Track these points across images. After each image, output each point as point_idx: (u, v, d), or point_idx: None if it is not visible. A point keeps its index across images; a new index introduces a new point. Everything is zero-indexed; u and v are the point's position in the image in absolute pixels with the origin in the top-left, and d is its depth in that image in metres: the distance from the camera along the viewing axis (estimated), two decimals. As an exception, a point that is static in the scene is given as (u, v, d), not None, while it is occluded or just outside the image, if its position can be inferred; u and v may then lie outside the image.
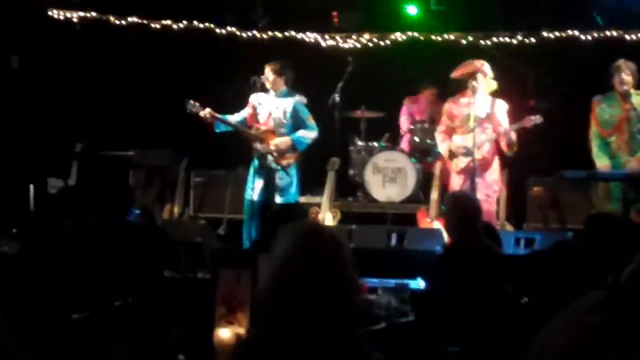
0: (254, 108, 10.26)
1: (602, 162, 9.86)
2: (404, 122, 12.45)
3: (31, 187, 10.77)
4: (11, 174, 11.45)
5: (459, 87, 10.26)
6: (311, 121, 10.25)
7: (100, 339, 6.36)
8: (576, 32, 12.38)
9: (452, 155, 10.14)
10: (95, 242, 6.73)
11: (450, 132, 10.25)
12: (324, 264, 3.00)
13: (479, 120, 9.90)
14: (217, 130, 10.27)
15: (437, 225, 9.99)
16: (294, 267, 3.01)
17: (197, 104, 10.10)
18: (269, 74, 10.17)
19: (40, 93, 12.30)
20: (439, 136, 10.42)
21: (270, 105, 10.22)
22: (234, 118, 10.28)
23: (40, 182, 11.02)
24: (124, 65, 12.65)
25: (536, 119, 9.92)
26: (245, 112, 10.32)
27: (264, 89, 10.20)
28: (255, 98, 10.28)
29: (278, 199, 10.07)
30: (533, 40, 12.51)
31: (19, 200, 10.66)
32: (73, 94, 12.46)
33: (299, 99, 10.29)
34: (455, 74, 10.18)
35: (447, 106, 10.33)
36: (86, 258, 6.42)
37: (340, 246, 3.06)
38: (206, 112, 10.04)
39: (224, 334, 6.18)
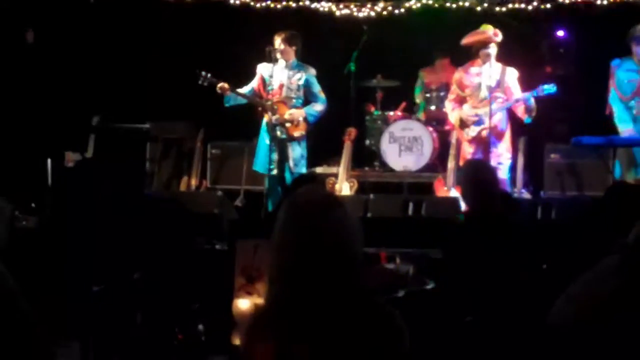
0: (263, 79, 10.27)
1: (625, 127, 9.84)
2: (419, 95, 12.43)
3: (49, 161, 10.80)
4: (29, 149, 11.49)
5: (472, 55, 10.23)
6: (322, 94, 10.30)
7: (119, 310, 6.40)
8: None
9: (463, 124, 10.14)
10: (113, 214, 6.75)
11: (460, 101, 10.25)
12: (312, 234, 2.99)
13: (490, 89, 9.88)
14: (227, 105, 10.28)
15: (455, 193, 9.99)
16: (286, 239, 3.03)
17: (209, 74, 10.12)
18: (280, 43, 10.16)
19: (56, 67, 12.33)
20: (449, 105, 10.43)
21: (282, 77, 10.23)
22: (243, 90, 10.29)
23: (57, 156, 11.05)
24: (138, 37, 12.64)
25: (549, 88, 9.88)
26: (253, 84, 10.33)
27: (273, 60, 10.18)
28: (263, 69, 10.29)
29: (292, 171, 10.10)
30: (548, 6, 12.43)
31: (37, 175, 10.70)
32: (88, 68, 12.47)
33: (311, 71, 10.30)
34: (467, 40, 10.15)
35: (458, 75, 10.33)
36: (104, 231, 6.44)
37: (329, 216, 3.03)
38: (222, 86, 10.05)
39: (243, 304, 6.20)
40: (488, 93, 9.87)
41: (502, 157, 10.00)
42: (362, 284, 3.02)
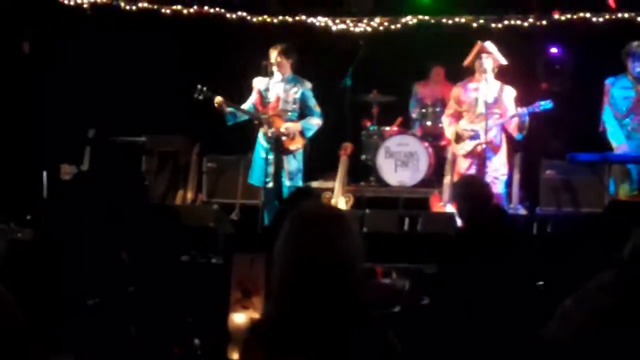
0: (260, 93, 10.25)
1: (618, 142, 9.85)
2: (414, 109, 12.45)
3: (44, 173, 10.80)
4: (24, 161, 11.49)
5: (469, 71, 10.23)
6: (317, 108, 10.27)
7: (113, 323, 6.39)
8: (588, 14, 12.33)
9: (459, 138, 10.12)
10: (108, 227, 6.75)
11: (457, 116, 10.24)
12: (316, 249, 2.99)
13: (487, 105, 9.88)
14: (229, 124, 10.26)
15: (451, 209, 9.98)
16: (289, 253, 3.03)
17: (205, 88, 10.12)
18: (276, 56, 10.14)
19: (52, 79, 12.34)
20: (445, 120, 10.41)
21: (278, 90, 10.21)
22: (244, 107, 10.28)
23: (53, 168, 11.05)
24: (135, 51, 12.66)
25: (545, 103, 9.89)
26: (252, 99, 10.32)
27: (269, 74, 10.18)
28: (260, 82, 10.27)
29: (287, 184, 10.10)
30: (544, 22, 12.47)
31: (33, 187, 10.69)
32: (84, 80, 12.48)
33: (307, 85, 10.29)
34: (466, 62, 10.16)
35: (456, 91, 10.32)
36: (99, 243, 6.44)
37: (333, 231, 3.04)
38: (219, 101, 10.05)
39: (239, 318, 6.20)
40: (485, 109, 9.87)
41: (498, 172, 9.98)
42: (362, 298, 3.03)
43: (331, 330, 2.95)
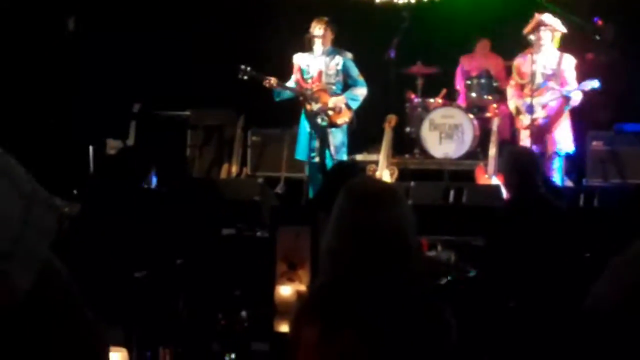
0: (300, 69, 10.23)
1: None
2: (459, 81, 12.38)
3: (90, 148, 10.87)
4: (71, 136, 11.57)
5: (517, 42, 10.19)
6: (361, 77, 10.23)
7: (162, 296, 6.44)
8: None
9: (518, 111, 10.12)
10: (155, 201, 6.78)
11: (519, 88, 10.21)
12: (370, 225, 3.00)
13: (545, 77, 9.84)
14: (277, 99, 10.26)
15: (496, 181, 9.94)
16: (343, 228, 3.03)
17: (249, 68, 10.10)
18: (320, 29, 10.10)
19: (97, 55, 12.39)
20: (509, 90, 10.43)
21: (320, 64, 10.19)
22: (288, 84, 10.26)
23: (99, 143, 11.12)
24: (178, 24, 12.67)
25: (591, 83, 9.83)
26: (295, 76, 10.29)
27: (308, 49, 10.15)
28: (300, 59, 10.24)
29: (334, 157, 10.08)
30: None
31: (79, 162, 10.77)
32: (129, 55, 12.52)
33: (347, 55, 10.24)
34: (526, 29, 10.15)
35: (517, 62, 10.34)
36: (146, 217, 6.48)
37: (389, 203, 3.05)
38: (270, 82, 10.03)
39: (285, 291, 6.21)
40: (544, 81, 9.83)
41: (557, 146, 9.96)
42: (417, 272, 3.03)
43: (385, 305, 2.95)
